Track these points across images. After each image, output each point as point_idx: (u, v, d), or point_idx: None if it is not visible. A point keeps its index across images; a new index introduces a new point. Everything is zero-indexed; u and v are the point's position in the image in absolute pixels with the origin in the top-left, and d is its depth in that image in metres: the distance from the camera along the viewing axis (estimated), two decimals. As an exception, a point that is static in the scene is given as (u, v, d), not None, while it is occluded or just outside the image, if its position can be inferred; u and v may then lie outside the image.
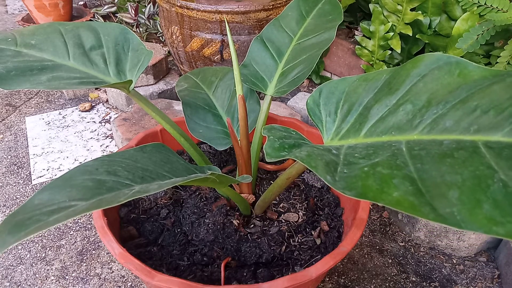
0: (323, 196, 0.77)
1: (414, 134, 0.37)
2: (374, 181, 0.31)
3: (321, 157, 0.38)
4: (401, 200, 0.28)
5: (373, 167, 0.33)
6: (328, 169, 0.35)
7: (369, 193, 0.31)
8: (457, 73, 0.40)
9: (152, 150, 0.53)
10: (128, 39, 0.67)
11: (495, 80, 0.36)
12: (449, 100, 0.37)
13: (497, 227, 0.24)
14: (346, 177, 0.33)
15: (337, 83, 0.54)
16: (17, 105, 1.46)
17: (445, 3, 1.05)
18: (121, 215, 0.71)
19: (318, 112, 0.53)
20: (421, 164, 0.31)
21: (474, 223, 0.25)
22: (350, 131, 0.47)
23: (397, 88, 0.44)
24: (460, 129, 0.34)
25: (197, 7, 1.20)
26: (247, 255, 0.63)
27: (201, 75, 0.86)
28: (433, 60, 0.43)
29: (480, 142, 0.31)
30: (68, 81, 0.56)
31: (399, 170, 0.32)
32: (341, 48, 1.35)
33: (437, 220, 0.26)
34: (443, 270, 0.88)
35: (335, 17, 0.73)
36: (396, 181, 0.30)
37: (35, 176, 1.12)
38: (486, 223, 0.25)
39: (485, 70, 0.38)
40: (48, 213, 0.34)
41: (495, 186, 0.27)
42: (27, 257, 0.89)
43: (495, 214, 0.25)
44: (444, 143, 0.33)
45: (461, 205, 0.26)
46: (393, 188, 0.30)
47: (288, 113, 1.22)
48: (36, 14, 1.83)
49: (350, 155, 0.38)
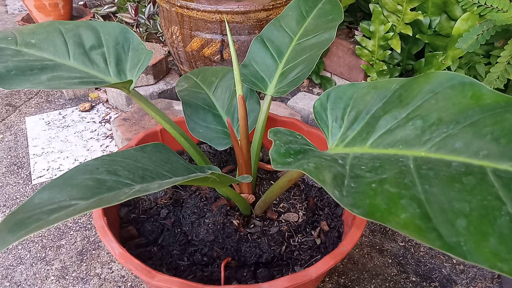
0: (323, 196, 0.77)
1: (422, 151, 0.37)
2: (381, 200, 0.31)
3: (329, 169, 0.37)
4: (408, 224, 0.28)
5: (380, 184, 0.33)
6: (335, 182, 0.35)
7: (376, 213, 0.30)
8: (470, 95, 0.39)
9: (152, 150, 0.53)
10: (128, 38, 0.67)
11: (508, 109, 0.36)
12: (460, 121, 0.37)
13: (502, 263, 0.24)
14: (353, 192, 0.33)
15: (346, 88, 0.54)
16: (17, 105, 1.46)
17: (445, 3, 1.05)
18: (121, 215, 0.71)
19: (325, 116, 0.52)
20: (429, 186, 0.31)
21: (480, 256, 0.25)
22: (356, 139, 0.46)
23: (408, 102, 0.44)
24: (469, 152, 0.34)
25: (197, 7, 1.20)
26: (247, 255, 0.63)
27: (201, 75, 0.86)
28: (447, 78, 0.42)
29: (488, 168, 0.31)
30: (68, 81, 0.56)
31: (407, 190, 0.31)
32: (341, 48, 1.35)
33: (443, 248, 0.26)
34: (443, 270, 0.88)
35: (335, 17, 0.73)
36: (404, 201, 0.30)
37: (35, 176, 1.12)
38: (491, 258, 0.25)
39: (499, 96, 0.38)
40: (48, 212, 0.34)
41: (502, 219, 0.26)
42: (27, 257, 0.89)
43: (501, 250, 0.25)
44: (452, 165, 0.33)
45: (469, 235, 0.26)
46: (400, 210, 0.30)
47: (288, 113, 1.22)
48: (36, 14, 1.83)
49: (357, 166, 0.38)
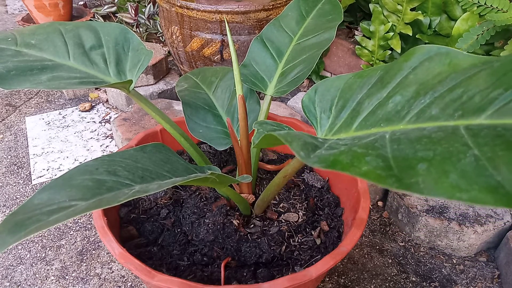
0: (323, 196, 0.77)
1: (401, 125, 0.37)
2: (346, 157, 0.32)
3: (301, 137, 0.38)
4: (368, 173, 0.29)
5: (349, 148, 0.34)
6: (304, 147, 0.35)
7: (337, 165, 0.31)
8: (448, 63, 0.40)
9: (152, 150, 0.53)
10: (128, 39, 0.67)
11: (484, 67, 0.36)
12: (438, 89, 0.37)
13: (461, 193, 0.24)
14: (320, 155, 0.34)
15: (333, 81, 0.54)
16: (17, 105, 1.46)
17: (445, 3, 1.05)
18: (121, 215, 0.71)
19: (313, 109, 0.53)
20: (397, 145, 0.32)
21: (437, 190, 0.25)
22: (342, 126, 0.47)
23: (388, 82, 0.44)
24: (445, 116, 0.34)
25: (197, 7, 1.20)
26: (247, 255, 0.63)
27: (201, 75, 0.86)
28: (424, 52, 0.43)
29: (462, 126, 0.31)
30: (68, 81, 0.56)
31: (375, 150, 0.32)
32: (341, 48, 1.35)
33: (401, 187, 0.26)
34: (443, 270, 0.88)
35: (335, 17, 0.73)
36: (368, 158, 0.31)
37: (35, 176, 1.12)
38: (450, 190, 0.25)
39: (475, 58, 0.38)
40: (48, 213, 0.34)
41: (467, 159, 0.27)
42: (27, 257, 0.89)
43: (461, 183, 0.25)
44: (426, 129, 0.33)
45: (427, 175, 0.27)
46: (363, 163, 0.30)
47: (288, 113, 1.22)
48: (36, 14, 1.83)
49: (335, 143, 0.39)
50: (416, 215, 0.91)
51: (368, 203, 0.65)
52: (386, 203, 1.03)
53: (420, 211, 0.90)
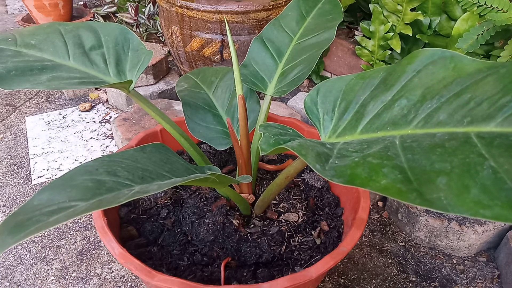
0: (323, 196, 0.77)
1: (408, 129, 0.37)
2: (363, 169, 0.32)
3: (313, 147, 0.38)
4: (388, 187, 0.29)
5: (363, 158, 0.34)
6: (318, 158, 0.35)
7: (356, 180, 0.31)
8: (452, 67, 0.40)
9: (152, 150, 0.53)
10: (128, 39, 0.67)
11: (490, 72, 0.36)
12: (444, 94, 0.37)
13: (484, 210, 0.24)
14: (336, 167, 0.34)
15: (335, 82, 0.54)
16: (17, 105, 1.46)
17: (445, 3, 1.05)
18: (121, 215, 0.71)
19: (316, 110, 0.53)
20: (411, 155, 0.31)
21: (461, 206, 0.25)
22: (346, 128, 0.47)
23: (393, 84, 0.44)
24: (453, 121, 0.34)
25: (197, 7, 1.20)
26: (247, 255, 0.63)
27: (201, 75, 0.86)
28: (428, 55, 0.43)
29: (472, 133, 0.31)
30: (68, 81, 0.56)
31: (390, 161, 0.32)
32: (341, 48, 1.35)
33: (423, 204, 0.26)
34: (443, 270, 0.88)
35: (335, 17, 0.73)
36: (385, 170, 0.31)
37: (35, 176, 1.12)
38: (473, 207, 0.25)
39: (480, 63, 0.38)
40: (48, 213, 0.34)
41: (485, 172, 0.26)
42: (27, 257, 0.89)
43: (482, 198, 0.25)
44: (436, 135, 0.33)
45: (449, 190, 0.26)
46: (381, 176, 0.30)
47: (288, 113, 1.22)
48: (36, 14, 1.83)
49: (344, 149, 0.38)
50: (416, 215, 0.91)
51: (368, 203, 0.65)
52: (386, 203, 1.03)
53: (420, 211, 0.90)
